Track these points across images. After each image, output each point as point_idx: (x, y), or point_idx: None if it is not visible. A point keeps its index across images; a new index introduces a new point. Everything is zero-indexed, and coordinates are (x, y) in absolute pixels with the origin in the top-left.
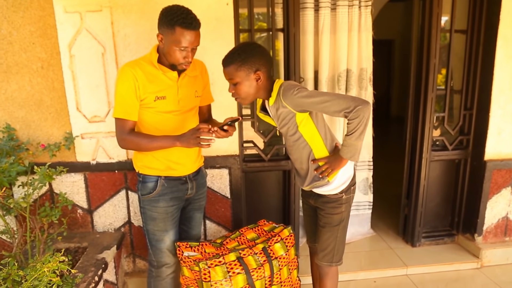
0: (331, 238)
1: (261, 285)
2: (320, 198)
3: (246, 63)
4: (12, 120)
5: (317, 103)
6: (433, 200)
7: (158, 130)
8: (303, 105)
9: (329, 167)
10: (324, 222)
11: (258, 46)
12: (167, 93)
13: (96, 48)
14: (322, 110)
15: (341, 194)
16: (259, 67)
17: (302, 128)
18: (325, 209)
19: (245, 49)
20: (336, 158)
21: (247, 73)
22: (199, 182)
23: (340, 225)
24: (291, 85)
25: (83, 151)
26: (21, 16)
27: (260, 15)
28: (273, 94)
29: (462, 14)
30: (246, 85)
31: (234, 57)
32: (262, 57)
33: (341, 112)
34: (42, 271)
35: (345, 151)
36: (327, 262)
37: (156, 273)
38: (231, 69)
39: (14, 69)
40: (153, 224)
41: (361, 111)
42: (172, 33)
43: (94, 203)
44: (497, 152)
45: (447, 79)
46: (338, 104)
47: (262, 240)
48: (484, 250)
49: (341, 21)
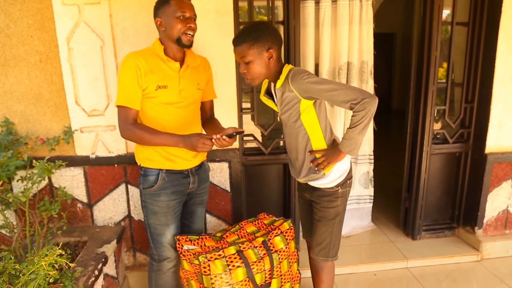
0: (327, 232)
1: (261, 278)
2: (315, 191)
3: (259, 41)
4: (11, 114)
5: (325, 91)
6: (434, 193)
7: (159, 124)
8: (310, 91)
9: (326, 160)
10: (319, 216)
11: (269, 25)
12: (168, 82)
13: (94, 41)
14: (328, 99)
15: (337, 187)
16: (271, 45)
17: (304, 116)
18: (320, 203)
19: (257, 28)
20: (334, 151)
21: (260, 51)
22: (201, 176)
23: (335, 219)
24: (301, 70)
25: (82, 145)
26: (18, 9)
27: (260, 7)
28: (281, 77)
29: (463, 6)
30: (258, 63)
31: (246, 36)
32: (274, 36)
33: (348, 102)
34: (40, 265)
35: (345, 144)
36: (323, 257)
37: (157, 267)
38: (244, 48)
39: (12, 63)
40: (155, 218)
41: (368, 104)
42: (169, 6)
43: (93, 197)
44: (498, 145)
45: (448, 72)
46: (346, 94)
47: (262, 233)
48: (484, 243)
49: (342, 13)
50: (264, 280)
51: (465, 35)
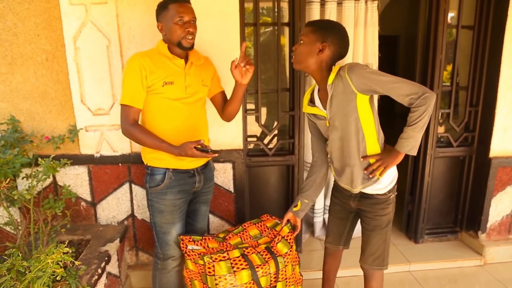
0: (381, 240)
1: (266, 282)
2: (366, 199)
3: (320, 31)
4: (17, 112)
5: (387, 82)
6: (437, 197)
7: (164, 119)
8: (370, 81)
9: (382, 164)
10: (373, 225)
11: (342, 29)
12: (174, 79)
13: (101, 41)
14: (388, 91)
15: (389, 193)
16: (328, 42)
17: (362, 115)
18: (373, 211)
19: (329, 23)
20: (390, 154)
21: (315, 39)
22: (207, 175)
23: (388, 227)
24: (358, 63)
25: (87, 144)
26: (26, 8)
27: (266, 9)
28: (331, 73)
29: (469, 9)
30: (306, 49)
31: (317, 23)
32: (338, 38)
33: (408, 96)
34: (46, 262)
35: (404, 144)
36: (377, 266)
37: (162, 266)
38: (308, 29)
39: (19, 61)
40: (161, 216)
41: (429, 99)
42: (167, 11)
43: (97, 195)
44: (502, 149)
45: (452, 76)
46: (407, 87)
47: (265, 241)
48: (487, 247)
49: (347, 15)
50: (269, 283)
51: (470, 39)
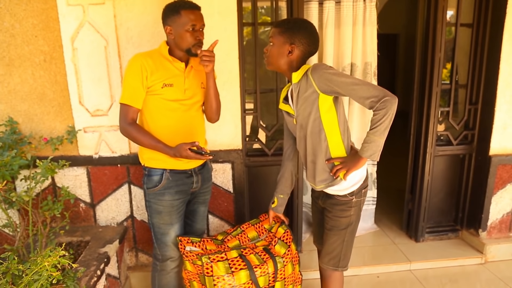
0: (338, 241)
1: (264, 281)
2: (328, 199)
3: (287, 33)
4: (15, 113)
5: (347, 84)
6: (437, 195)
7: (161, 119)
8: (331, 82)
9: (344, 167)
10: (331, 225)
11: (309, 27)
12: (174, 81)
13: (98, 42)
14: (349, 93)
15: (351, 196)
16: (296, 43)
17: (324, 115)
18: (332, 211)
19: (296, 22)
20: (353, 158)
21: (283, 41)
22: (205, 176)
23: (347, 229)
24: (323, 63)
25: (86, 145)
26: (23, 9)
27: (264, 8)
28: (299, 72)
29: (468, 7)
30: (276, 51)
31: (284, 23)
32: (306, 37)
33: (369, 99)
34: (43, 266)
35: (366, 148)
36: (332, 266)
37: (161, 267)
38: (275, 30)
39: (16, 62)
40: (159, 217)
41: (389, 102)
42: (179, 17)
43: (96, 197)
44: (502, 147)
45: (452, 74)
46: (367, 90)
47: (263, 244)
48: (488, 245)
49: (345, 14)
50: (267, 283)
51: (469, 37)
